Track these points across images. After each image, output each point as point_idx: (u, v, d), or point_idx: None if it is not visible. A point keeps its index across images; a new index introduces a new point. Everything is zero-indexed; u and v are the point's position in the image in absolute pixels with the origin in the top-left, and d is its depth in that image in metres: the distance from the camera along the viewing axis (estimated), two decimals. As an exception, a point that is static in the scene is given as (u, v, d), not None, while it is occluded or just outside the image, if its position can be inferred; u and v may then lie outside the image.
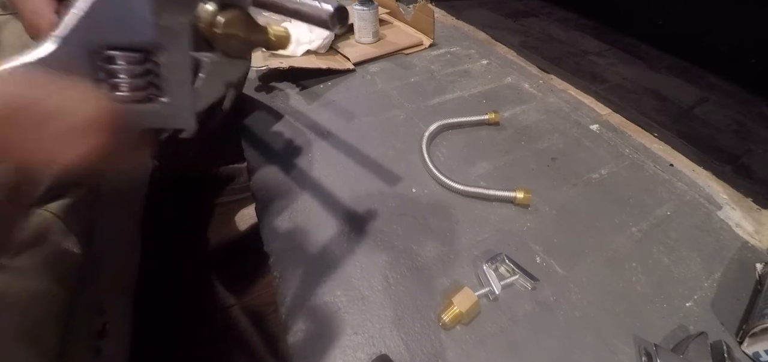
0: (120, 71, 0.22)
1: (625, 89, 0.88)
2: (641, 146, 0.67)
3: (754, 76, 0.92)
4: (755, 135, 0.77)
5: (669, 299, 0.45)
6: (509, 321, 0.42)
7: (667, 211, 0.55)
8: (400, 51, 0.92)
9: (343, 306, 0.43)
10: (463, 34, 1.05)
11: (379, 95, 0.77)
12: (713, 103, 0.87)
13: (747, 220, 0.55)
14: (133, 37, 0.22)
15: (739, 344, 0.41)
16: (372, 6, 0.87)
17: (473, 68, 0.88)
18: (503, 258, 0.46)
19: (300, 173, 0.59)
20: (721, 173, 0.63)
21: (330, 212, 0.53)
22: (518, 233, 0.51)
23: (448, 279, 0.45)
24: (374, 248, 0.48)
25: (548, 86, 0.83)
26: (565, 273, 0.47)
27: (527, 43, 1.06)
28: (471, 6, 1.28)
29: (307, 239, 0.49)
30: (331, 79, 0.81)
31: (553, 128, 0.70)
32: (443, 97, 0.77)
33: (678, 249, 0.50)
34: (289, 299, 0.43)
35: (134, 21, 0.22)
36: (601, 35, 1.15)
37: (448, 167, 0.60)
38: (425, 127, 0.65)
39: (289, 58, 0.81)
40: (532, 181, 0.58)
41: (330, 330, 0.41)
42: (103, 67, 0.22)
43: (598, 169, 0.62)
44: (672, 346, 0.40)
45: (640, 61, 1.02)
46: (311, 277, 0.45)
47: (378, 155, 0.62)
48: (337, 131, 0.67)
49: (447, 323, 0.40)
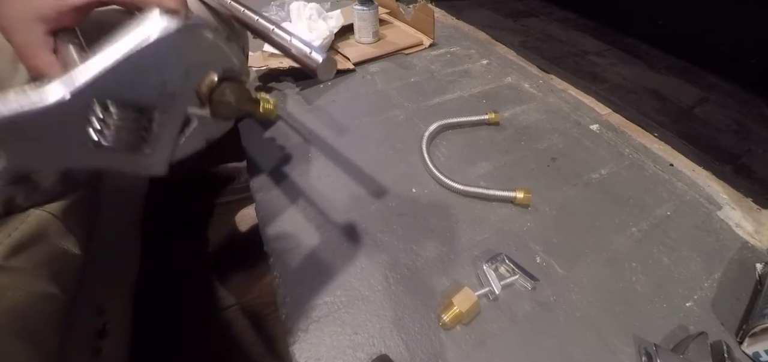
0: (113, 124, 0.22)
1: (625, 89, 0.88)
2: (641, 146, 0.67)
3: (755, 76, 0.92)
4: (755, 135, 0.77)
5: (669, 299, 0.45)
6: (509, 321, 0.42)
7: (667, 211, 0.55)
8: (400, 51, 0.92)
9: (343, 306, 0.43)
10: (463, 34, 1.05)
11: (379, 94, 0.77)
12: (713, 103, 0.87)
13: (747, 220, 0.55)
14: (139, 97, 0.22)
15: (739, 344, 0.41)
16: (372, 6, 0.87)
17: (473, 68, 0.88)
18: (503, 258, 0.46)
19: (300, 173, 0.59)
20: (721, 173, 0.63)
21: (330, 212, 0.53)
22: (518, 233, 0.51)
23: (448, 279, 0.45)
24: (374, 248, 0.48)
25: (548, 86, 0.83)
26: (565, 272, 0.47)
27: (527, 43, 1.06)
28: (471, 6, 1.28)
29: (307, 239, 0.49)
30: (332, 79, 0.81)
31: (553, 128, 0.70)
32: (443, 97, 0.77)
33: (678, 249, 0.50)
34: (289, 299, 0.43)
35: (145, 84, 0.22)
36: (601, 35, 1.15)
37: (448, 167, 0.60)
38: (425, 127, 0.65)
39: (289, 58, 0.81)
40: (532, 181, 0.58)
41: (330, 330, 0.41)
42: (96, 114, 0.22)
43: (598, 169, 0.62)
44: (672, 346, 0.40)
45: (640, 61, 1.02)
46: (311, 277, 0.45)
47: (378, 155, 0.62)
48: (337, 131, 0.67)
49: (447, 323, 0.40)
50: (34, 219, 0.37)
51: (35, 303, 0.32)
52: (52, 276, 0.35)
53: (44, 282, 0.34)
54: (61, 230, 0.38)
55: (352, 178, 0.58)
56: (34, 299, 0.32)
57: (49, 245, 0.36)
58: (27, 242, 0.35)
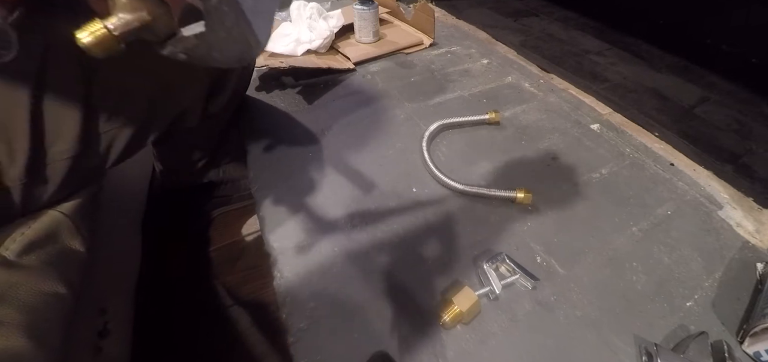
0: None
1: (625, 89, 0.88)
2: (642, 146, 0.67)
3: (755, 75, 0.92)
4: (756, 134, 0.77)
5: (669, 298, 0.45)
6: (510, 320, 0.42)
7: (667, 210, 0.55)
8: (401, 50, 0.92)
9: (343, 305, 0.43)
10: (464, 34, 1.05)
11: (380, 94, 0.77)
12: (714, 102, 0.87)
13: (748, 219, 0.55)
14: None
15: (740, 343, 0.41)
16: (372, 5, 0.87)
17: (473, 68, 0.88)
18: (503, 258, 0.46)
19: (300, 172, 0.59)
20: (721, 173, 0.63)
21: (330, 211, 0.53)
22: (518, 233, 0.51)
23: (449, 278, 0.45)
24: (374, 247, 0.48)
25: (549, 86, 0.83)
26: (565, 272, 0.47)
27: (528, 43, 1.06)
28: (471, 5, 1.28)
29: (308, 238, 0.49)
30: (332, 79, 0.81)
31: (553, 128, 0.70)
32: (443, 96, 0.77)
33: (679, 249, 0.50)
34: (289, 299, 0.43)
35: None
36: (602, 34, 1.15)
37: (448, 167, 0.60)
38: (425, 126, 0.65)
39: (289, 58, 0.81)
40: (533, 180, 0.58)
41: (330, 330, 0.41)
42: None
43: (599, 168, 0.62)
44: (672, 346, 0.40)
45: (641, 61, 1.02)
46: (312, 276, 0.45)
47: (378, 154, 0.62)
48: (337, 130, 0.67)
49: (447, 322, 0.40)
50: (48, 218, 0.37)
51: (44, 303, 0.33)
52: (61, 275, 0.35)
53: (53, 282, 0.34)
54: (72, 230, 0.38)
55: (352, 177, 0.58)
56: (44, 298, 0.33)
57: (59, 244, 0.37)
58: (40, 240, 0.35)
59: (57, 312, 0.34)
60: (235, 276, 0.70)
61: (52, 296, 0.34)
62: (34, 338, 0.30)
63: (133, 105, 0.43)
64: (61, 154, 0.38)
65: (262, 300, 0.66)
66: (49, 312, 0.33)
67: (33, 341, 0.30)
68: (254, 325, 0.63)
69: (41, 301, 0.32)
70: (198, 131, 0.55)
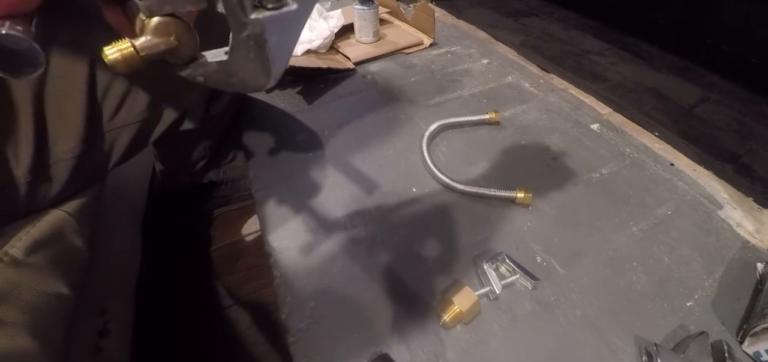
0: None
1: (625, 88, 0.88)
2: (642, 146, 0.67)
3: (755, 75, 0.92)
4: (756, 134, 0.77)
5: (670, 298, 0.45)
6: (510, 320, 0.42)
7: (667, 210, 0.55)
8: (401, 50, 0.92)
9: (343, 305, 0.43)
10: (464, 34, 1.05)
11: (380, 94, 0.77)
12: (714, 102, 0.86)
13: (748, 219, 0.55)
14: None
15: (740, 343, 0.41)
16: (372, 5, 0.87)
17: (474, 68, 0.88)
18: (504, 258, 0.46)
19: (300, 173, 0.59)
20: (722, 173, 0.63)
21: (330, 211, 0.53)
22: (519, 233, 0.51)
23: (449, 278, 0.45)
24: (374, 247, 0.48)
25: (549, 86, 0.83)
26: (565, 272, 0.47)
27: (528, 43, 1.06)
28: (471, 5, 1.28)
29: (308, 238, 0.49)
30: (332, 79, 0.81)
31: (553, 128, 0.70)
32: (444, 96, 0.77)
33: (679, 249, 0.50)
34: (289, 299, 0.43)
35: None
36: (602, 34, 1.15)
37: (448, 167, 0.60)
38: (425, 126, 0.65)
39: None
40: (533, 180, 0.58)
41: (330, 330, 0.41)
42: None
43: (599, 168, 0.62)
44: (672, 346, 0.40)
45: (641, 61, 1.02)
46: (312, 276, 0.45)
47: (378, 154, 0.62)
48: (337, 130, 0.67)
49: (447, 322, 0.40)
50: (53, 217, 0.37)
51: (47, 303, 0.33)
52: (64, 275, 0.35)
53: (57, 282, 0.34)
54: (75, 229, 0.39)
55: (352, 177, 0.58)
56: (47, 298, 0.33)
57: (63, 243, 0.37)
58: (44, 240, 0.35)
59: (59, 312, 0.34)
60: (235, 275, 0.70)
61: (54, 296, 0.34)
62: (38, 338, 0.30)
63: (136, 106, 0.44)
64: (66, 153, 0.38)
65: (262, 300, 0.66)
66: (51, 312, 0.33)
67: (37, 341, 0.30)
68: (254, 325, 0.63)
69: (44, 301, 0.33)
70: (199, 131, 0.55)
